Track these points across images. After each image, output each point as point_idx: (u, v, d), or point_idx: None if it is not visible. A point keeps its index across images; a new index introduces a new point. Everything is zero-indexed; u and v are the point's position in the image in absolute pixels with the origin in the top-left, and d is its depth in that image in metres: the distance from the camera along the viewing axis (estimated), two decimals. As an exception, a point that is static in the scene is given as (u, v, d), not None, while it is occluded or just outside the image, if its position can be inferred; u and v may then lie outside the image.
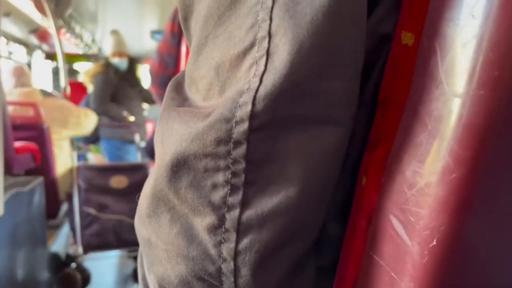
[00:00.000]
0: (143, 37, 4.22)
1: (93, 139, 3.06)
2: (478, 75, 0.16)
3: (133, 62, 3.07)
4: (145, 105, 3.49)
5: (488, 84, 0.16)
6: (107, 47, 3.04)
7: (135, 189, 2.10)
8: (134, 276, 2.09)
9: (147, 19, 3.86)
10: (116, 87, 2.93)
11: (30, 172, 1.66)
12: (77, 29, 3.65)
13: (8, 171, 1.38)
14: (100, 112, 2.80)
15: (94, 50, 4.71)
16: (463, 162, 0.17)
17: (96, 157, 3.57)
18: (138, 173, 2.13)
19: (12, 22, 2.89)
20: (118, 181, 2.08)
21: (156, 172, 0.23)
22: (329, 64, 0.19)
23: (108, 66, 2.96)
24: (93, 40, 4.35)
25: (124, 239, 2.06)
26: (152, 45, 4.27)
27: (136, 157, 2.82)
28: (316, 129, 0.20)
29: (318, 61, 0.19)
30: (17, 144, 1.54)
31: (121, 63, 2.95)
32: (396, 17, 0.22)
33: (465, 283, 0.19)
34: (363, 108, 0.24)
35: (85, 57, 4.80)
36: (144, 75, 3.89)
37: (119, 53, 2.92)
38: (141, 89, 3.08)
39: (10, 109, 1.83)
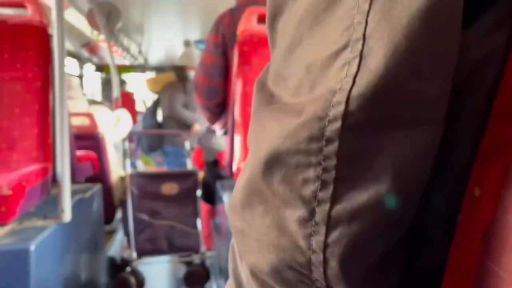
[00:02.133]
0: (186, 46, 4.33)
1: (155, 146, 3.22)
2: None
3: None
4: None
5: None
6: (180, 57, 3.31)
7: (185, 195, 2.16)
8: (186, 281, 2.13)
9: (190, 30, 3.97)
10: (188, 96, 3.20)
11: (88, 180, 1.74)
12: (125, 41, 3.80)
13: (71, 179, 1.46)
14: (175, 116, 2.98)
15: (140, 61, 4.88)
16: None
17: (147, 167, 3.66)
18: (188, 180, 2.18)
19: (66, 37, 3.05)
20: (169, 188, 2.14)
21: (250, 168, 0.24)
22: (422, 67, 0.20)
23: (180, 76, 3.23)
24: (139, 52, 4.51)
25: (175, 245, 2.11)
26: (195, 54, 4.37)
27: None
28: (407, 128, 0.21)
29: (412, 63, 0.19)
30: (78, 153, 1.62)
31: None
32: (507, 30, 0.23)
33: None
34: (472, 121, 0.24)
35: (132, 68, 4.98)
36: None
37: (193, 68, 3.16)
38: None
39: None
